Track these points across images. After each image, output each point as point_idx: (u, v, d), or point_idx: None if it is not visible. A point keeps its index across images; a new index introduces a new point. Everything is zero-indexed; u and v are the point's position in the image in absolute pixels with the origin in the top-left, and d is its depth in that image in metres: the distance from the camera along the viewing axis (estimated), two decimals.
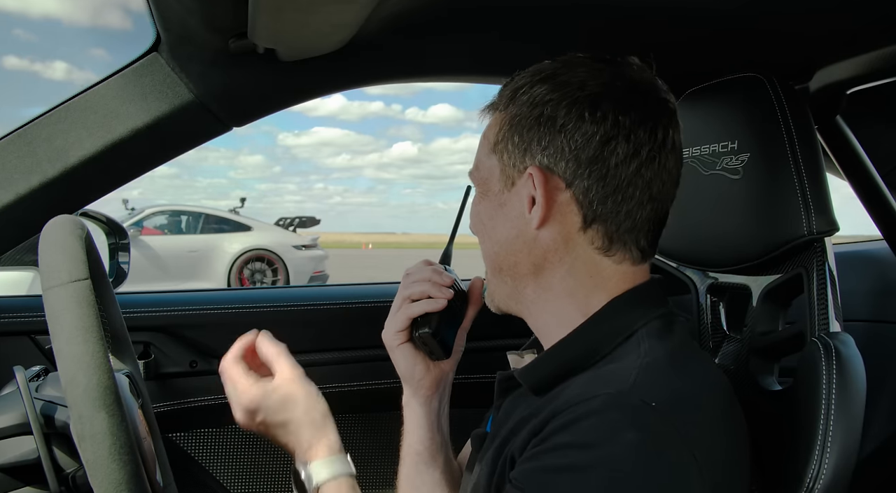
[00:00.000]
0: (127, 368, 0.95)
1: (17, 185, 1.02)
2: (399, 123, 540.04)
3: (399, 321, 0.91)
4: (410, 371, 0.93)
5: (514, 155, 0.76)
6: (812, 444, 0.75)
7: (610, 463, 0.60)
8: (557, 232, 0.75)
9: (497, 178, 0.78)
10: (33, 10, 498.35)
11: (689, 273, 1.07)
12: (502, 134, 0.77)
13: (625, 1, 0.93)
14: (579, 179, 0.73)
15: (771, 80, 0.91)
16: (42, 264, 0.67)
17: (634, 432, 0.61)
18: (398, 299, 0.92)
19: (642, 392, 0.64)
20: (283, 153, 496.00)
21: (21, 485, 0.80)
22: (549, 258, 0.76)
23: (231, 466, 1.47)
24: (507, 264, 0.79)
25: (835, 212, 0.88)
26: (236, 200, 11.82)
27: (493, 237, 0.80)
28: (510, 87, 0.78)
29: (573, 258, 0.75)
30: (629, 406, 0.63)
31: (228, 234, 9.60)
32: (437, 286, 0.90)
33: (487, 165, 0.79)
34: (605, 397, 0.64)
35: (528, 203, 0.75)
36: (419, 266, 0.94)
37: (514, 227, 0.77)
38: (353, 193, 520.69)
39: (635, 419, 0.62)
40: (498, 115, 0.79)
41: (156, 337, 1.40)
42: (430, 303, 0.89)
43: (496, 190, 0.79)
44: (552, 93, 0.74)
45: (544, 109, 0.74)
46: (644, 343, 0.71)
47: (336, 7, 0.82)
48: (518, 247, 0.77)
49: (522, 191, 0.76)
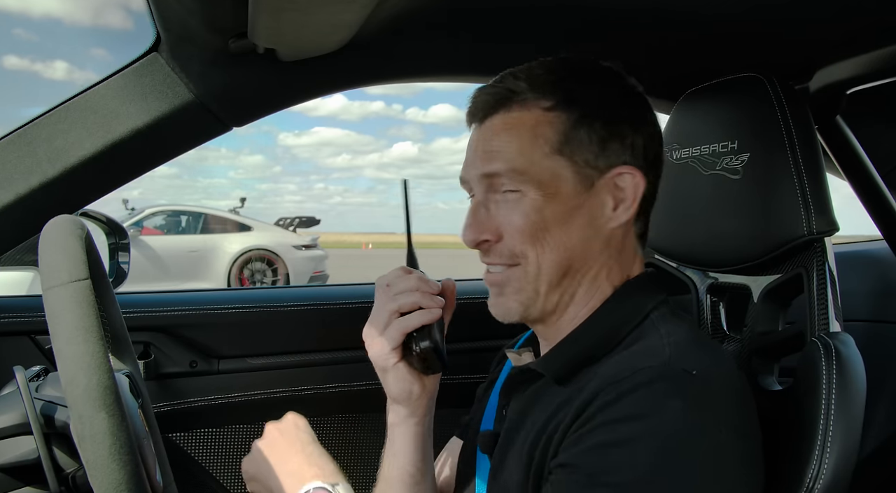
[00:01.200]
0: (127, 368, 0.95)
1: (17, 185, 1.02)
2: (400, 123, 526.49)
3: (393, 338, 0.82)
4: (407, 392, 0.85)
5: (590, 154, 0.76)
6: (812, 444, 0.75)
7: (660, 432, 0.63)
8: (624, 226, 0.79)
9: (569, 179, 0.76)
10: (34, 9, 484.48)
11: (689, 273, 1.07)
12: (571, 134, 0.75)
13: (625, 3, 0.93)
14: (650, 174, 0.79)
15: (771, 81, 0.91)
16: (42, 264, 0.67)
17: (681, 400, 0.64)
18: (383, 314, 0.82)
19: (682, 363, 0.68)
20: (284, 153, 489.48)
21: (21, 485, 0.80)
22: (612, 253, 0.79)
23: (231, 466, 1.47)
24: (574, 268, 0.77)
25: (835, 212, 0.88)
26: (236, 200, 11.83)
27: (563, 241, 0.76)
28: (559, 82, 0.77)
29: (625, 248, 0.80)
30: (673, 376, 0.66)
31: (228, 234, 9.60)
32: (428, 295, 0.82)
33: (548, 167, 0.75)
34: (649, 371, 0.67)
35: (611, 202, 0.77)
36: (400, 276, 0.85)
37: (592, 227, 0.77)
38: (353, 193, 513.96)
39: (680, 387, 0.65)
40: (545, 113, 0.76)
41: (156, 337, 1.40)
42: (426, 314, 0.81)
43: (570, 192, 0.76)
44: (616, 93, 0.78)
45: (620, 111, 0.77)
46: (661, 326, 0.74)
47: (336, 7, 0.82)
48: (595, 247, 0.77)
49: (603, 190, 0.77)
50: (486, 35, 1.08)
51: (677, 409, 0.63)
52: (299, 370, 1.47)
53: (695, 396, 0.65)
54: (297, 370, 1.47)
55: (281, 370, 1.47)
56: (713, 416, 0.65)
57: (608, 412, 0.65)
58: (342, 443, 1.51)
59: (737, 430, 0.66)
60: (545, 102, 0.76)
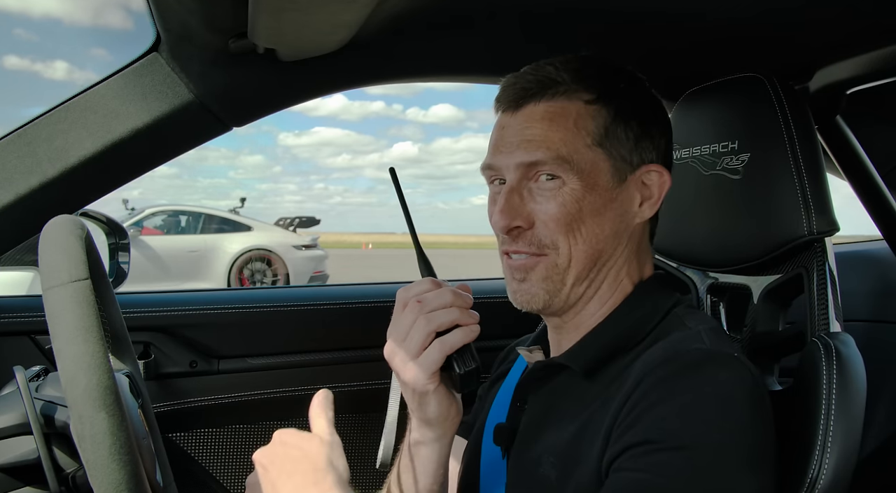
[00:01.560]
0: (127, 368, 0.95)
1: (17, 185, 1.02)
2: (400, 123, 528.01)
3: (434, 362, 0.73)
4: (445, 415, 0.78)
5: (625, 150, 0.79)
6: (812, 444, 0.75)
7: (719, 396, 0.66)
8: (645, 223, 0.83)
9: (607, 172, 0.78)
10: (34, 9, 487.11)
11: (689, 273, 1.07)
12: (611, 128, 0.78)
13: (626, 4, 0.93)
14: (669, 174, 0.82)
15: (771, 80, 0.91)
16: (42, 264, 0.67)
17: (730, 373, 0.68)
18: (419, 334, 0.73)
19: (721, 347, 0.72)
20: (284, 153, 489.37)
21: (21, 485, 0.80)
22: (633, 248, 0.82)
23: (231, 466, 1.47)
24: (603, 260, 0.80)
25: (835, 212, 0.88)
26: (236, 200, 11.83)
27: (595, 233, 0.78)
28: (598, 77, 0.79)
29: (642, 244, 0.84)
30: (720, 357, 0.70)
31: (228, 234, 9.60)
32: (467, 312, 0.75)
33: (590, 158, 0.77)
34: (697, 352, 0.71)
35: (639, 198, 0.80)
36: (430, 290, 0.76)
37: (623, 221, 0.80)
38: (353, 193, 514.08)
39: (728, 366, 0.69)
40: (587, 106, 0.78)
41: (156, 337, 1.40)
42: (468, 333, 0.74)
43: (606, 184, 0.78)
44: (647, 93, 0.83)
45: (652, 112, 0.82)
46: (688, 320, 0.78)
47: (336, 7, 0.82)
48: (622, 240, 0.80)
49: (632, 186, 0.80)
50: (487, 35, 1.08)
51: (730, 380, 0.67)
52: (299, 370, 1.47)
53: (741, 374, 0.68)
54: (297, 370, 1.47)
55: (281, 370, 1.47)
56: (756, 393, 0.68)
57: (660, 392, 0.67)
58: (342, 443, 1.50)
59: (769, 409, 0.69)
60: (586, 95, 0.78)
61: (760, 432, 0.67)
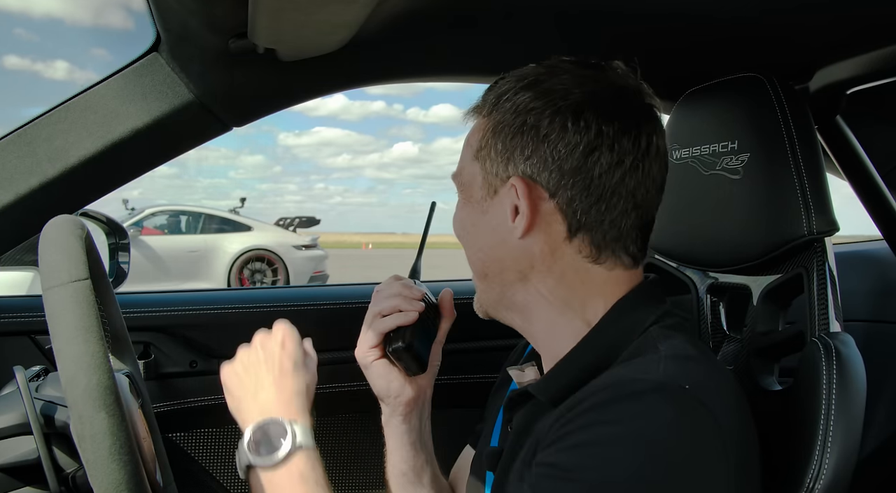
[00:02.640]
0: (127, 368, 0.95)
1: (17, 185, 1.02)
2: (400, 123, 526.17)
3: (371, 338, 0.90)
4: (386, 389, 0.91)
5: (496, 163, 0.76)
6: (812, 444, 0.75)
7: (645, 436, 0.61)
8: (543, 241, 0.75)
9: (479, 185, 0.78)
10: (35, 9, 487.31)
11: (689, 273, 1.07)
12: (485, 141, 0.77)
13: (626, 4, 0.93)
14: (563, 189, 0.73)
15: (771, 80, 0.91)
16: (42, 264, 0.67)
17: (671, 410, 0.63)
18: (368, 315, 0.91)
19: (674, 377, 0.66)
20: (284, 153, 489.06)
21: (21, 485, 0.80)
22: (536, 267, 0.76)
23: (231, 466, 1.47)
24: (492, 270, 0.79)
25: (835, 212, 0.88)
26: (237, 200, 11.83)
27: (476, 244, 0.80)
28: (494, 91, 0.78)
29: (562, 267, 0.75)
30: (665, 389, 0.64)
31: (228, 234, 9.60)
32: (407, 300, 0.89)
33: (470, 171, 0.79)
34: (642, 383, 0.65)
35: (511, 212, 0.75)
36: (388, 282, 0.93)
37: (498, 235, 0.76)
38: (353, 193, 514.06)
39: (671, 399, 0.63)
40: (482, 120, 0.79)
41: (156, 337, 1.40)
42: (401, 316, 0.88)
43: (478, 197, 0.78)
44: (536, 101, 0.73)
45: (527, 118, 0.73)
46: (660, 340, 0.71)
47: (336, 7, 0.82)
48: (503, 254, 0.77)
49: (505, 200, 0.75)
50: (487, 35, 1.08)
51: (666, 418, 0.62)
52: None
53: (685, 408, 0.64)
54: None
55: None
56: (703, 430, 0.63)
57: (591, 416, 0.64)
58: (342, 443, 1.51)
59: (726, 445, 0.64)
60: (484, 110, 0.79)
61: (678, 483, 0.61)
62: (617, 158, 0.72)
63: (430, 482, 0.95)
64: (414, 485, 0.94)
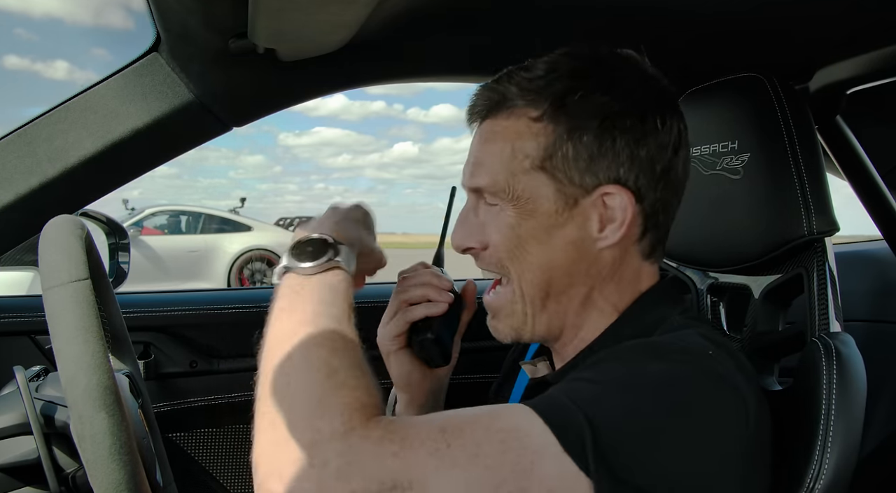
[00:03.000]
0: (127, 368, 0.95)
1: (17, 185, 1.02)
2: (401, 123, 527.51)
3: (397, 326, 0.86)
4: (406, 378, 0.89)
5: (575, 171, 0.70)
6: (812, 444, 0.75)
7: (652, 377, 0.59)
8: (619, 247, 0.73)
9: (549, 197, 0.71)
10: (35, 9, 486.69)
11: (689, 273, 1.07)
12: (555, 148, 0.70)
13: (625, 2, 0.93)
14: (652, 191, 0.71)
15: (771, 80, 0.91)
16: (42, 264, 0.67)
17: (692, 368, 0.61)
18: (394, 302, 0.87)
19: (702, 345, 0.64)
20: (284, 153, 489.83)
21: (21, 485, 0.80)
22: (603, 274, 0.74)
23: (231, 466, 1.47)
24: (557, 289, 0.73)
25: (835, 212, 0.88)
26: (237, 200, 11.83)
27: (541, 262, 0.72)
28: (545, 93, 0.71)
29: (623, 269, 0.74)
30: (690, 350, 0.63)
31: (228, 234, 9.60)
32: (438, 290, 0.85)
33: (529, 184, 0.71)
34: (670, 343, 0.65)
35: (597, 222, 0.71)
36: (416, 269, 0.89)
37: (577, 249, 0.72)
38: (353, 193, 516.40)
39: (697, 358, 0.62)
40: (533, 124, 0.71)
41: (156, 337, 1.40)
42: (431, 307, 0.84)
43: (550, 210, 0.71)
44: (618, 102, 0.70)
45: (616, 121, 0.70)
46: (685, 327, 0.71)
47: (336, 7, 0.82)
48: (579, 269, 0.73)
49: (590, 210, 0.71)
50: (488, 35, 1.08)
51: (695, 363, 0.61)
52: None
53: (709, 369, 0.61)
54: None
55: None
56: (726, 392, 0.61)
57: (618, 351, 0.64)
58: None
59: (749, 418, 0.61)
60: (533, 112, 0.72)
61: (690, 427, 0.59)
62: (687, 153, 0.75)
63: None
64: None
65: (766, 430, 0.66)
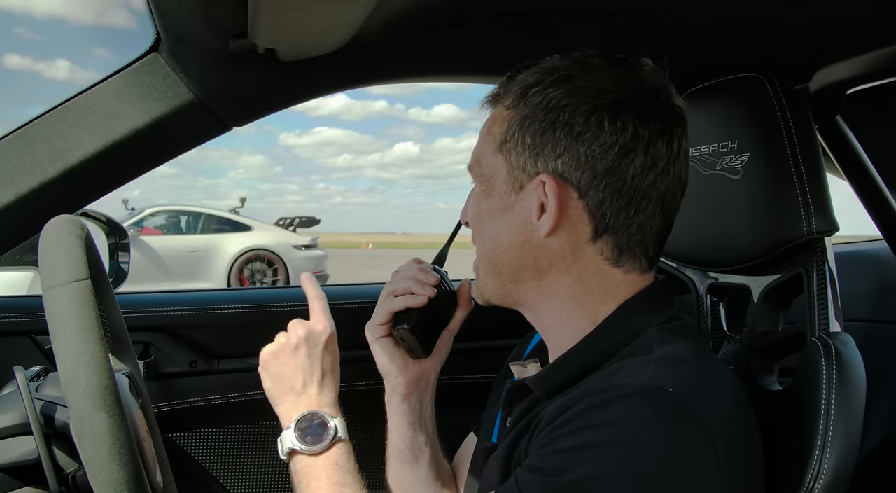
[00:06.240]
0: (127, 368, 0.95)
1: (17, 185, 1.02)
2: (402, 123, 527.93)
3: (380, 315, 0.92)
4: (388, 366, 0.94)
5: (523, 157, 0.74)
6: (812, 444, 0.75)
7: (628, 439, 0.61)
8: (566, 241, 0.74)
9: (503, 178, 0.76)
10: (37, 8, 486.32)
11: (689, 273, 1.07)
12: (511, 133, 0.75)
13: (625, 2, 0.93)
14: (594, 190, 0.71)
15: (771, 80, 0.91)
16: (42, 264, 0.67)
17: (653, 412, 0.62)
18: (383, 293, 0.93)
19: (661, 381, 0.65)
20: (285, 153, 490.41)
21: (21, 485, 0.80)
22: (555, 265, 0.75)
23: (231, 466, 1.47)
24: (508, 267, 0.77)
25: (835, 212, 0.88)
26: (237, 200, 11.84)
27: (494, 239, 0.78)
28: (519, 83, 0.75)
29: (581, 268, 0.75)
30: (649, 392, 0.63)
31: (228, 234, 9.60)
32: (420, 283, 0.90)
33: (492, 164, 0.77)
34: (626, 386, 0.65)
35: (537, 209, 0.73)
36: (407, 263, 0.95)
37: (521, 232, 0.75)
38: (353, 193, 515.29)
39: (656, 402, 0.63)
40: (504, 111, 0.76)
41: (156, 337, 1.40)
42: (411, 299, 0.90)
43: (502, 191, 0.76)
44: (569, 97, 0.72)
45: (560, 115, 0.71)
46: (656, 343, 0.71)
47: (336, 7, 0.82)
48: (524, 252, 0.76)
49: (532, 196, 0.74)
50: (488, 34, 1.08)
51: (646, 418, 0.62)
52: None
53: (675, 412, 0.63)
54: None
55: None
56: (694, 435, 0.62)
57: (578, 420, 0.64)
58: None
59: (723, 452, 0.62)
60: (507, 101, 0.76)
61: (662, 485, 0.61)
62: (651, 162, 0.71)
63: (428, 463, 0.96)
64: (411, 464, 0.96)
65: (749, 438, 0.67)
